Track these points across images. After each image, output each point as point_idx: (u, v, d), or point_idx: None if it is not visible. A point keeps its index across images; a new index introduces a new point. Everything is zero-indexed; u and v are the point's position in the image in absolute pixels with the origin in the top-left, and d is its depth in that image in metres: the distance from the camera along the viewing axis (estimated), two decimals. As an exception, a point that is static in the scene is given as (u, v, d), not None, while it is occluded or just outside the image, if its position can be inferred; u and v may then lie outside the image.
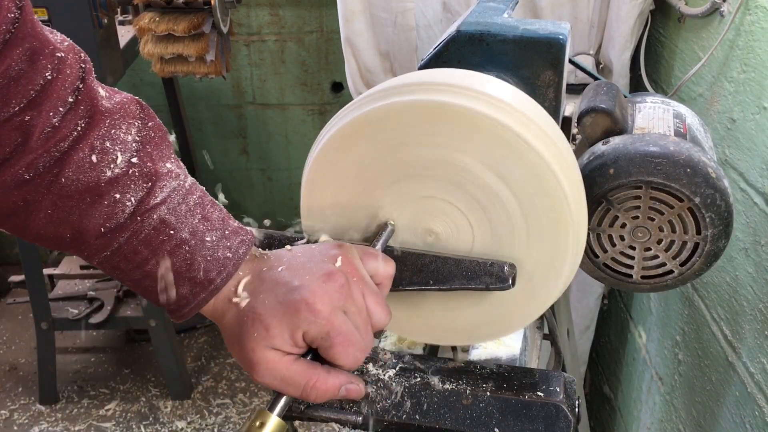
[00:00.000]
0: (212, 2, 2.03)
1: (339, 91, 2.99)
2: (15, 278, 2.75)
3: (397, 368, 0.84)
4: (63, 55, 0.66)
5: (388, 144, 0.77)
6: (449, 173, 0.77)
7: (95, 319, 2.55)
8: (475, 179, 0.77)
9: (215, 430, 2.54)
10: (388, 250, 0.79)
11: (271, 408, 0.70)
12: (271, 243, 0.80)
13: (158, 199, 0.68)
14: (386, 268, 0.75)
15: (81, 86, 0.67)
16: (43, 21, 1.97)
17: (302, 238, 0.80)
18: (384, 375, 0.82)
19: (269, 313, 0.68)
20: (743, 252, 1.32)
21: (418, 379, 0.82)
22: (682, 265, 0.92)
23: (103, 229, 0.67)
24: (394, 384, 0.81)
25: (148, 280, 0.69)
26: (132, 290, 0.73)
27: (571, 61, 1.13)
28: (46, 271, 2.65)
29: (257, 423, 0.68)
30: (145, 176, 0.68)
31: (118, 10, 2.35)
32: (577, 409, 0.79)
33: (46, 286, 2.54)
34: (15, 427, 2.56)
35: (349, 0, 1.89)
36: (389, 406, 0.80)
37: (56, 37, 0.68)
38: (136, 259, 0.68)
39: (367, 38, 1.93)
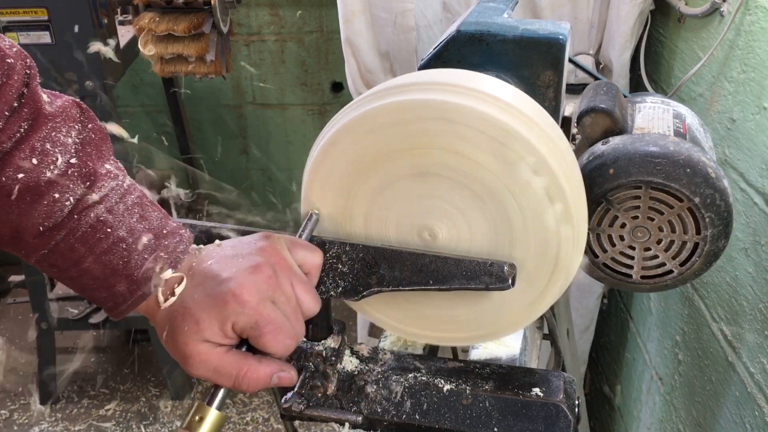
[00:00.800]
0: (212, 2, 2.03)
1: (339, 91, 2.99)
2: (15, 278, 2.75)
3: (397, 368, 0.84)
4: (12, 61, 0.68)
5: (387, 144, 0.77)
6: (449, 173, 0.77)
7: (95, 319, 2.55)
8: (474, 179, 0.77)
9: (215, 430, 2.54)
10: (391, 251, 0.79)
11: (210, 402, 0.71)
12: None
13: (96, 197, 0.69)
14: (313, 258, 0.77)
15: (25, 91, 0.69)
16: (42, 21, 1.98)
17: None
18: (384, 375, 0.82)
19: (199, 307, 0.70)
20: (743, 252, 1.32)
21: (418, 379, 0.82)
22: (681, 265, 0.92)
23: (41, 228, 0.68)
24: (394, 384, 0.82)
25: (85, 278, 0.71)
26: (70, 288, 0.74)
27: (571, 61, 1.13)
28: (47, 271, 2.65)
29: (197, 417, 0.70)
30: (84, 176, 0.69)
31: (118, 10, 2.35)
32: (577, 409, 0.79)
33: (46, 286, 2.54)
34: (15, 427, 2.56)
35: (349, 0, 1.89)
36: (389, 406, 0.80)
37: (5, 43, 0.70)
38: (73, 256, 0.70)
39: (367, 38, 1.93)
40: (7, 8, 1.98)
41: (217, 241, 0.77)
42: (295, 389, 0.82)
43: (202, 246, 0.76)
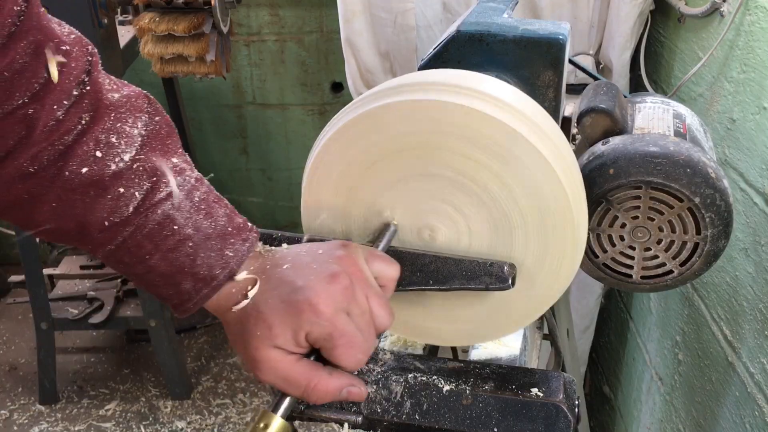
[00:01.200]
0: (212, 2, 2.03)
1: (339, 91, 2.99)
2: (15, 278, 2.75)
3: (397, 368, 0.84)
4: (68, 48, 0.66)
5: (388, 144, 0.77)
6: (449, 173, 0.77)
7: (95, 319, 2.55)
8: (474, 179, 0.77)
9: (215, 430, 2.54)
10: (391, 251, 0.79)
11: (275, 409, 0.69)
12: (270, 242, 0.80)
13: (163, 194, 0.68)
14: (390, 271, 0.75)
15: (86, 79, 0.67)
16: (43, 21, 1.98)
17: (299, 239, 0.80)
18: (384, 375, 0.82)
19: (272, 312, 0.68)
20: (743, 252, 1.32)
21: (418, 379, 0.82)
22: (681, 265, 0.92)
23: (107, 223, 0.67)
24: (394, 384, 0.81)
25: (151, 275, 0.69)
26: (136, 285, 0.73)
27: (571, 61, 1.13)
28: (46, 271, 2.65)
29: (261, 425, 0.68)
30: (150, 171, 0.68)
31: (118, 10, 2.35)
32: (577, 409, 0.79)
33: (46, 286, 2.54)
34: (15, 427, 2.56)
35: (349, 0, 1.89)
36: (389, 406, 0.80)
37: (63, 29, 0.68)
38: (140, 253, 0.68)
39: (367, 38, 1.93)
40: (7, 8, 1.98)
41: (284, 245, 0.75)
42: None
43: (274, 248, 0.74)
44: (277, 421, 0.68)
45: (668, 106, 1.04)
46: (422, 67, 0.94)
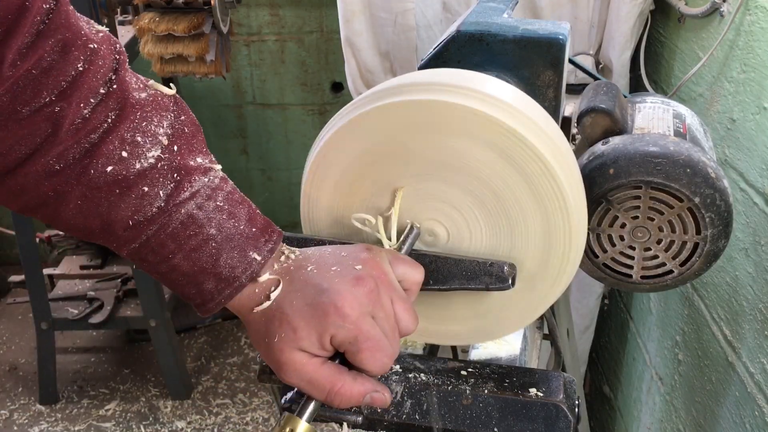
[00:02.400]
0: (212, 2, 2.03)
1: (339, 91, 2.99)
2: (15, 278, 2.75)
3: (397, 368, 0.84)
4: (96, 46, 0.66)
5: (388, 144, 0.77)
6: (449, 173, 0.77)
7: (95, 319, 2.55)
8: (474, 179, 0.77)
9: (215, 430, 2.54)
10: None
11: (300, 413, 0.69)
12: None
13: (187, 193, 0.68)
14: (415, 274, 0.74)
15: (113, 77, 0.67)
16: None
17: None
18: (384, 375, 0.82)
19: (297, 315, 0.67)
20: (743, 252, 1.32)
21: (418, 379, 0.82)
22: (681, 265, 0.92)
23: (131, 222, 0.67)
24: (394, 384, 0.82)
25: (174, 274, 0.69)
26: (161, 282, 0.73)
27: (571, 61, 1.13)
28: (46, 271, 2.65)
29: (287, 429, 0.68)
30: (175, 170, 0.68)
31: (118, 10, 2.35)
32: (577, 409, 0.79)
33: (46, 286, 2.54)
34: (15, 427, 2.56)
35: (349, 0, 1.89)
36: (389, 406, 0.80)
37: (91, 28, 0.68)
38: (163, 252, 0.68)
39: (367, 38, 1.93)
40: (7, 8, 1.98)
41: (310, 247, 0.75)
42: (296, 389, 0.82)
43: (297, 249, 0.74)
44: (302, 426, 0.68)
45: (668, 106, 1.04)
46: (422, 67, 0.94)
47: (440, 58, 0.95)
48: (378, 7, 1.89)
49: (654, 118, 1.00)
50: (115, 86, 0.67)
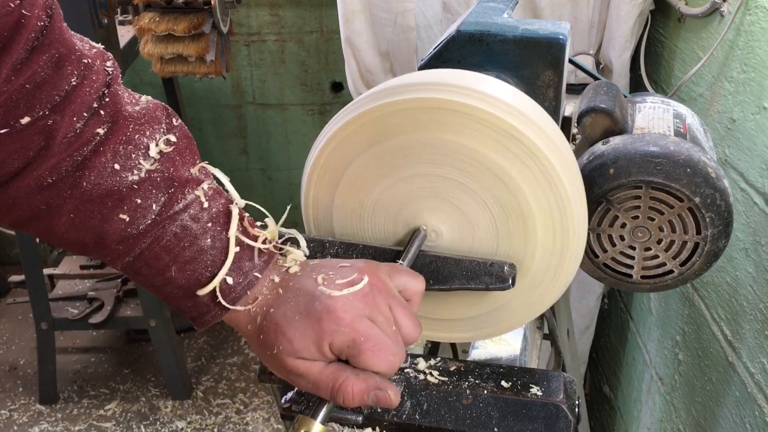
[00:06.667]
0: (212, 2, 2.03)
1: (339, 91, 2.99)
2: (15, 278, 2.75)
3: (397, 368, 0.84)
4: (89, 61, 0.67)
5: (388, 144, 0.77)
6: (449, 173, 0.77)
7: (95, 319, 2.55)
8: (474, 179, 0.77)
9: (215, 430, 2.54)
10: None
11: (314, 415, 0.69)
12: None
13: (180, 205, 0.68)
14: (415, 284, 0.74)
15: (106, 92, 0.67)
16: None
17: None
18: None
19: (291, 326, 0.67)
20: (743, 252, 1.32)
21: (419, 379, 0.82)
22: (682, 265, 0.92)
23: (124, 234, 0.67)
24: (393, 384, 0.81)
25: (169, 287, 0.69)
26: (156, 297, 0.72)
27: (571, 61, 1.13)
28: (46, 271, 2.65)
29: (301, 431, 0.68)
30: (168, 182, 0.68)
31: (118, 10, 2.35)
32: (577, 409, 0.79)
33: (46, 286, 2.53)
34: (15, 427, 2.56)
35: (349, 0, 1.89)
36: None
37: (84, 44, 0.68)
38: (158, 265, 0.68)
39: (367, 38, 1.93)
40: (7, 8, 1.97)
41: (328, 254, 0.75)
42: (295, 389, 0.82)
43: (300, 257, 0.74)
44: (316, 427, 0.68)
45: (668, 106, 1.04)
46: (422, 67, 0.94)
47: (440, 58, 0.95)
48: (378, 7, 1.89)
49: (654, 118, 1.00)
50: (107, 100, 0.67)
